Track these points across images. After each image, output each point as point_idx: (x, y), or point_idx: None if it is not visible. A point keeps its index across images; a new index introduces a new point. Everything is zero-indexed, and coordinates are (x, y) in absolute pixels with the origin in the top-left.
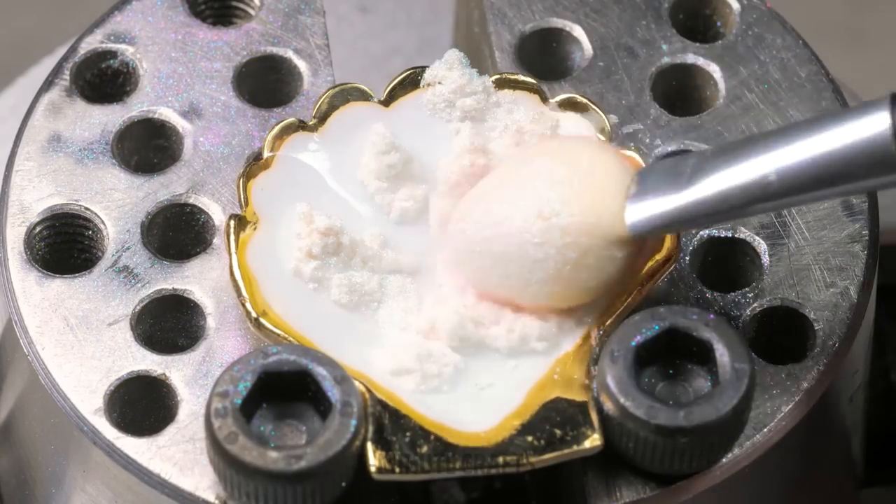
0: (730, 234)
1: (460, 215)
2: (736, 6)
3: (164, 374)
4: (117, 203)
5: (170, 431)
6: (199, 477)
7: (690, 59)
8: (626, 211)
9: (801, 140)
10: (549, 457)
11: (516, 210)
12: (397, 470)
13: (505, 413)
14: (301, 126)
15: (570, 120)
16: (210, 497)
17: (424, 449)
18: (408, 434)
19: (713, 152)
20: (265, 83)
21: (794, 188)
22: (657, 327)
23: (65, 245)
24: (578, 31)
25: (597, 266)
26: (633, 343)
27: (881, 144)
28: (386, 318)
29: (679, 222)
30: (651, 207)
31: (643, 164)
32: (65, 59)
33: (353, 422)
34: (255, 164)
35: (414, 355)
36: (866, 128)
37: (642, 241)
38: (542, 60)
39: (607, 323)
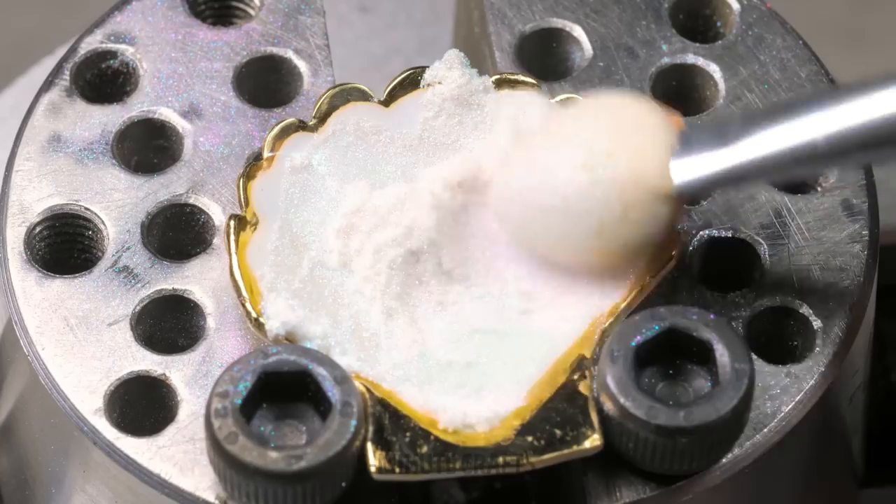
0: (730, 234)
1: (506, 167)
2: (736, 6)
3: (164, 374)
4: (117, 203)
5: (170, 431)
6: (199, 477)
7: (690, 59)
8: (671, 167)
9: (849, 102)
10: (549, 457)
11: (561, 161)
12: (397, 470)
13: (505, 413)
14: (301, 126)
15: None
16: (210, 497)
17: (424, 449)
18: (408, 434)
19: (761, 112)
20: (265, 83)
21: (842, 151)
22: (657, 327)
23: (65, 245)
24: (578, 31)
25: (639, 221)
26: (633, 343)
27: None
28: None
29: (724, 181)
30: (697, 165)
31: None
32: (65, 59)
33: (353, 422)
34: (255, 164)
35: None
36: None
37: (683, 201)
38: (542, 60)
39: (607, 323)
